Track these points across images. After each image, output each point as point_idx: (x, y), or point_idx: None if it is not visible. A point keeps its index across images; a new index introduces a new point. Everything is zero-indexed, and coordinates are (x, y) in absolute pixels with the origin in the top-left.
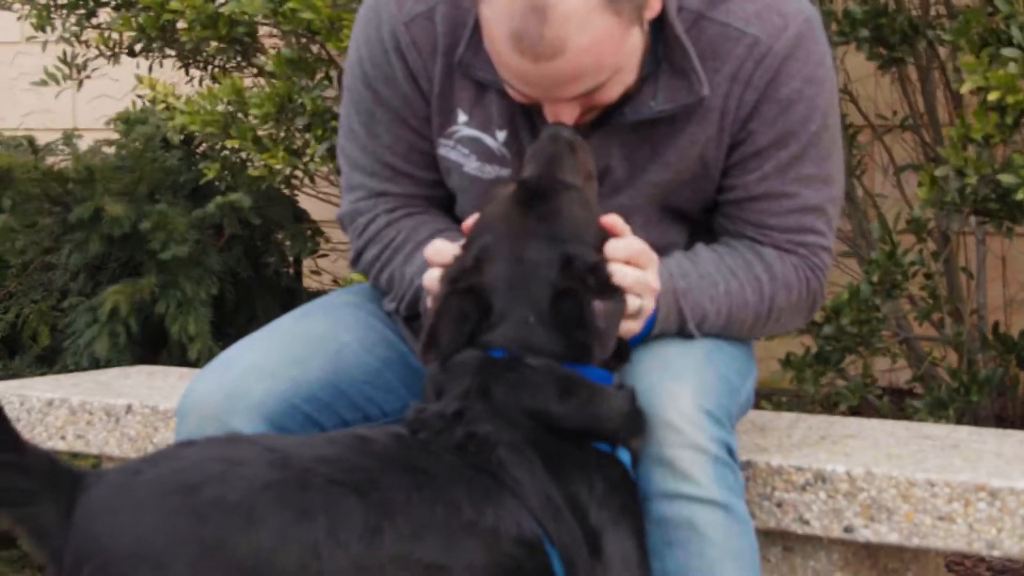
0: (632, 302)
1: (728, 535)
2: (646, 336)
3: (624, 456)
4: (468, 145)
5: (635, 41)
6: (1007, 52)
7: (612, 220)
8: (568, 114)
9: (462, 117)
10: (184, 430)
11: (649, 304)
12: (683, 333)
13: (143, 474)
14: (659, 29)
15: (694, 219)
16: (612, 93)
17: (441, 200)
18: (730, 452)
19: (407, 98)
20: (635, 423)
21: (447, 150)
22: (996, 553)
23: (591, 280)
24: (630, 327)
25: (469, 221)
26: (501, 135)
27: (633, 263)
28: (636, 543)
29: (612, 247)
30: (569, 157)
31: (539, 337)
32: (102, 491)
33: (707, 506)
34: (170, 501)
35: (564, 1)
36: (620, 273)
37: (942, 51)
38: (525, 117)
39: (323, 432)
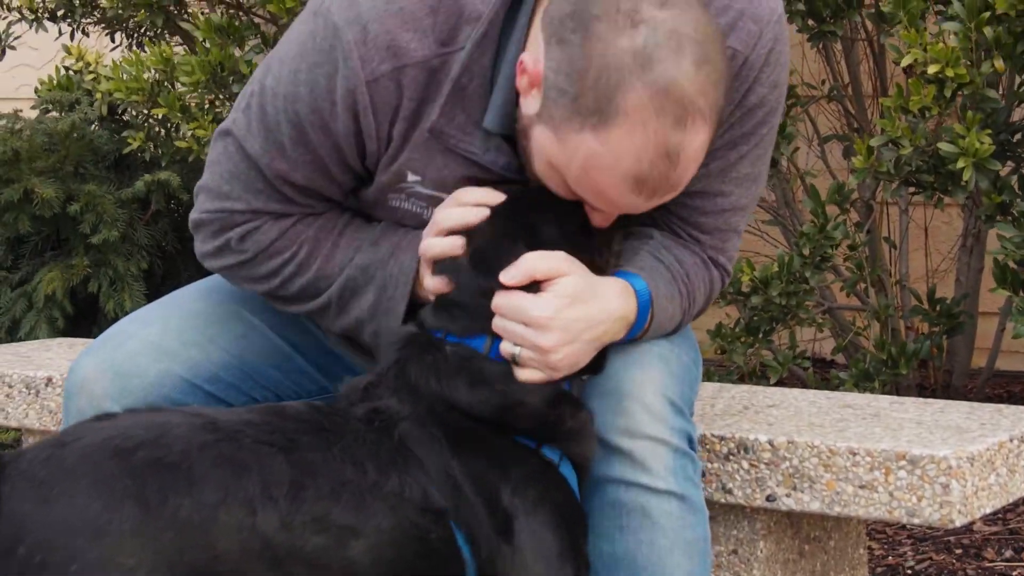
0: (508, 348)
1: (682, 525)
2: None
3: (551, 454)
4: (426, 200)
5: None
6: (948, 26)
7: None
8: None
9: (413, 177)
10: (74, 408)
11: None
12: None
13: (69, 445)
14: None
15: None
16: None
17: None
18: (690, 442)
19: (339, 150)
20: (553, 426)
21: (399, 201)
22: (916, 521)
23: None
24: (531, 376)
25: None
26: None
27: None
28: (558, 536)
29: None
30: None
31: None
32: (25, 465)
33: (663, 496)
34: (105, 466)
35: (693, 141)
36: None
37: (868, 22)
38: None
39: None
